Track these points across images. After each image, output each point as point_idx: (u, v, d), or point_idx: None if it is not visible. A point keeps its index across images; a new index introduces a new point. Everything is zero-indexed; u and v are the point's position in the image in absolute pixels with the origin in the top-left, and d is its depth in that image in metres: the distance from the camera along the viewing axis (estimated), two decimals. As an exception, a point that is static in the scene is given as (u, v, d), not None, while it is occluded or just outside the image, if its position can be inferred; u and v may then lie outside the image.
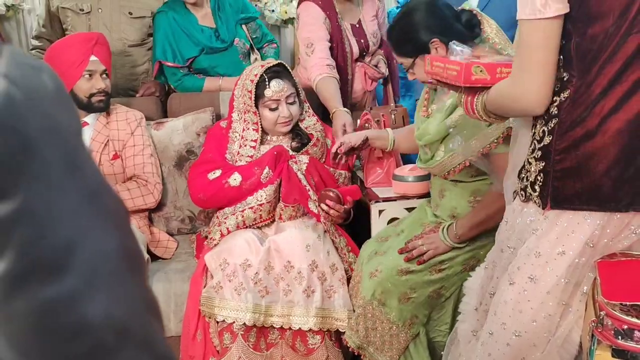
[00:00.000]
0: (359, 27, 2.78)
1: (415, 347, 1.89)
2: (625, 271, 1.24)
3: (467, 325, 1.64)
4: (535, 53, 1.23)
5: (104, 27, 2.85)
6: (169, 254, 2.41)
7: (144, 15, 2.94)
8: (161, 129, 2.57)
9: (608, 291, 1.21)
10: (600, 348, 1.21)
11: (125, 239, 0.52)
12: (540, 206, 1.30)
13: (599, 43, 1.20)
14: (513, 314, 1.34)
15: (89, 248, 0.48)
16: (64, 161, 0.48)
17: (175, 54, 2.78)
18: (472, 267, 1.90)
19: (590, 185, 1.24)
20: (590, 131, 1.23)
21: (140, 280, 0.53)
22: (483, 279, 1.56)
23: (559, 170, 1.27)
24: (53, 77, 0.50)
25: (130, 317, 0.50)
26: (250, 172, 2.18)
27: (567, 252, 1.27)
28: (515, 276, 1.34)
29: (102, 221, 0.50)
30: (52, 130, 0.47)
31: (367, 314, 1.89)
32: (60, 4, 2.86)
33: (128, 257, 0.51)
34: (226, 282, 2.01)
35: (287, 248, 2.04)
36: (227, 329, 2.02)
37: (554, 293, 1.29)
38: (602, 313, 1.20)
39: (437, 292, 1.89)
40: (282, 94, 2.23)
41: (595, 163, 1.23)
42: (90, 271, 0.48)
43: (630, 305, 1.18)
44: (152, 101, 2.80)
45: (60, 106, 0.50)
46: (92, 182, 0.51)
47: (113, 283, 0.49)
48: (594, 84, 1.22)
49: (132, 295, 0.51)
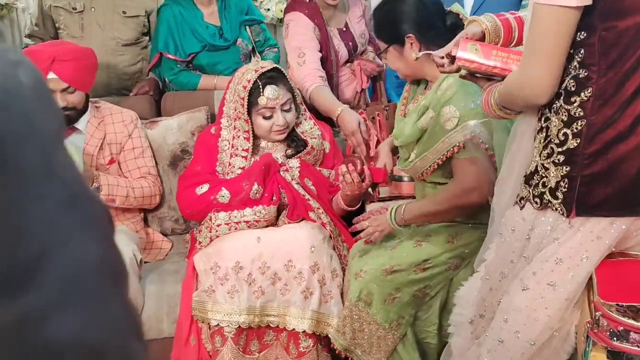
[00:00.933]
0: (346, 31, 2.78)
1: (404, 347, 1.87)
2: (621, 272, 1.22)
3: (461, 338, 1.59)
4: (545, 40, 1.18)
5: (97, 26, 2.83)
6: (162, 254, 2.39)
7: (138, 14, 2.92)
8: (155, 128, 2.54)
9: (604, 292, 1.19)
10: (596, 349, 1.19)
11: (107, 250, 0.48)
12: (563, 214, 1.24)
13: (629, 38, 1.15)
14: (528, 322, 1.29)
15: (63, 260, 0.43)
16: (39, 166, 0.44)
17: (178, 48, 2.78)
18: (457, 266, 1.89)
19: (621, 189, 1.19)
20: (623, 132, 1.18)
21: (121, 296, 0.49)
22: (482, 291, 1.49)
23: (587, 175, 1.21)
24: (32, 71, 0.47)
25: (106, 337, 0.45)
26: (239, 188, 2.10)
27: (590, 258, 1.22)
28: (530, 282, 1.28)
29: (80, 231, 0.45)
30: (27, 132, 0.44)
31: (353, 316, 1.87)
32: (53, 3, 2.84)
33: (108, 271, 0.47)
34: (218, 286, 1.98)
35: (289, 247, 2.00)
36: (217, 332, 2.00)
37: (570, 299, 1.26)
38: (598, 314, 1.18)
39: (422, 291, 1.87)
40: (277, 102, 2.13)
41: (628, 167, 1.18)
42: (62, 286, 0.43)
43: (627, 306, 1.16)
44: (145, 100, 2.78)
45: (37, 104, 0.46)
46: (71, 188, 0.47)
47: (89, 299, 0.45)
48: (627, 83, 1.16)
49: (110, 312, 0.46)
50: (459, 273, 1.89)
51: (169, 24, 2.78)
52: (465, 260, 1.88)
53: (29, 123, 0.44)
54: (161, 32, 2.79)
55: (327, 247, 2.04)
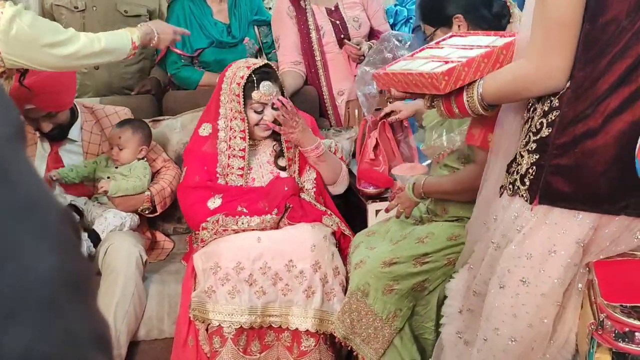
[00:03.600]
0: (334, 11, 2.79)
1: (401, 341, 1.87)
2: (623, 272, 1.21)
3: (452, 328, 1.60)
4: (558, 30, 1.19)
5: (98, 24, 2.82)
6: (164, 254, 2.39)
7: (139, 13, 2.92)
8: (158, 127, 2.55)
9: (607, 293, 1.18)
10: (600, 351, 1.18)
11: (68, 259, 0.45)
12: (527, 200, 1.26)
13: (609, 34, 1.16)
14: (507, 319, 1.29)
15: (15, 271, 0.41)
16: None
17: (185, 43, 2.79)
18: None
19: (586, 184, 1.20)
20: (593, 129, 1.18)
21: (85, 308, 0.46)
22: (468, 279, 1.51)
23: (554, 165, 1.22)
24: None
25: (59, 349, 0.42)
26: (258, 209, 2.08)
27: (558, 252, 1.23)
28: (506, 279, 1.29)
29: (35, 240, 0.43)
30: None
31: (352, 305, 1.88)
32: (55, 2, 2.84)
33: (68, 279, 0.44)
34: (219, 286, 1.97)
35: (290, 247, 2.00)
36: (216, 332, 1.98)
37: (549, 295, 1.25)
38: (603, 315, 1.17)
39: (421, 284, 1.87)
40: (269, 98, 2.14)
41: (594, 163, 1.19)
42: (12, 297, 0.40)
43: (631, 307, 1.15)
44: (147, 99, 2.79)
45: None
46: (27, 194, 0.44)
47: (43, 311, 0.42)
48: (602, 79, 1.17)
49: (68, 326, 0.43)
50: None
51: (179, 18, 2.82)
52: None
53: None
54: None
55: (329, 244, 2.04)
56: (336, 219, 2.18)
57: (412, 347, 1.88)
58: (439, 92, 1.40)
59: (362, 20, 2.83)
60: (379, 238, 2.01)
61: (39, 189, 0.45)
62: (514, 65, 1.33)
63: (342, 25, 2.76)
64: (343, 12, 2.79)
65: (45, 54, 1.80)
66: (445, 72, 1.36)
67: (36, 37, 1.77)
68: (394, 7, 4.06)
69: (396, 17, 4.02)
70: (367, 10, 2.86)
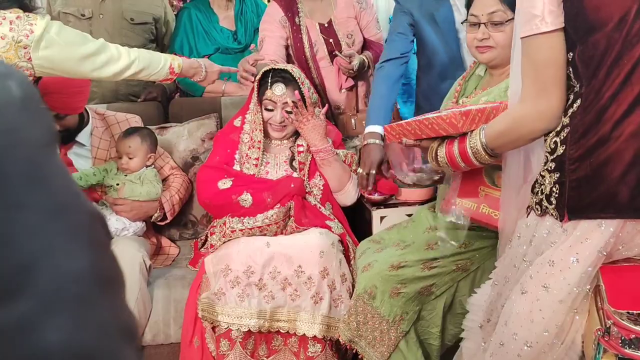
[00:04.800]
0: (328, 27, 2.77)
1: (406, 344, 1.87)
2: (630, 278, 1.22)
3: (472, 343, 1.61)
4: (545, 70, 1.24)
5: (105, 32, 2.85)
6: (170, 260, 2.40)
7: (146, 21, 2.95)
8: (165, 134, 2.56)
9: (614, 299, 1.19)
10: (606, 356, 1.19)
11: (99, 257, 0.48)
12: (557, 218, 1.27)
13: (602, 49, 1.20)
14: (525, 324, 1.30)
15: (50, 269, 0.44)
16: (24, 175, 0.44)
17: (192, 50, 2.83)
18: (465, 269, 1.89)
19: (606, 192, 1.21)
20: (604, 137, 1.20)
21: (115, 303, 0.49)
22: (492, 296, 1.51)
23: (574, 179, 1.24)
24: (22, 84, 0.47)
25: (95, 343, 0.45)
26: (262, 201, 2.14)
27: (580, 261, 1.23)
28: (528, 285, 1.30)
29: (69, 239, 0.46)
30: (13, 142, 0.44)
31: (358, 308, 1.88)
32: (62, 9, 2.87)
33: (100, 278, 0.47)
34: (229, 289, 1.98)
35: (299, 252, 2.01)
36: (224, 335, 1.99)
37: (566, 302, 1.26)
38: (610, 322, 1.18)
39: (428, 289, 1.87)
40: (280, 100, 2.22)
41: (611, 169, 1.20)
42: (50, 294, 0.44)
43: (638, 314, 1.16)
44: (153, 106, 2.81)
45: (26, 116, 0.46)
46: (60, 197, 0.47)
47: (78, 306, 0.45)
48: (603, 88, 1.20)
49: (101, 319, 0.47)
50: (467, 278, 1.89)
51: (185, 26, 2.86)
52: (474, 265, 1.88)
53: (16, 131, 0.45)
54: (178, 35, 2.87)
55: (336, 251, 2.05)
56: (340, 225, 2.20)
57: (418, 352, 1.88)
58: (456, 130, 1.49)
59: (355, 35, 2.80)
60: (387, 243, 2.02)
61: (71, 191, 0.48)
62: (510, 109, 1.39)
63: (335, 42, 2.76)
64: (336, 28, 2.76)
65: (79, 65, 1.84)
66: (463, 112, 1.47)
67: (69, 50, 1.81)
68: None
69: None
70: (360, 22, 2.84)
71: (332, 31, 2.76)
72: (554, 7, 1.21)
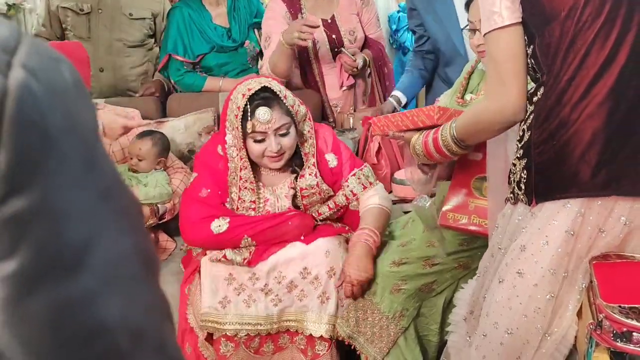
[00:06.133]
0: (331, 23, 2.79)
1: (405, 341, 1.88)
2: (621, 273, 1.23)
3: (457, 336, 1.62)
4: (503, 64, 1.29)
5: (104, 27, 2.86)
6: (166, 254, 2.40)
7: (144, 16, 2.95)
8: (162, 128, 2.56)
9: (606, 294, 1.20)
10: (599, 350, 1.19)
11: (140, 239, 0.50)
12: (526, 203, 1.31)
13: (557, 37, 1.24)
14: (504, 312, 1.32)
15: (105, 247, 0.46)
16: (82, 158, 0.46)
17: (186, 49, 2.82)
18: (466, 267, 1.90)
19: (569, 172, 1.25)
20: (564, 119, 1.25)
21: (155, 283, 0.51)
22: (475, 288, 1.54)
23: (539, 162, 1.28)
24: (72, 70, 0.48)
25: (145, 320, 0.48)
26: (264, 241, 1.97)
27: (550, 243, 1.26)
28: (504, 273, 1.33)
29: (117, 220, 0.48)
30: (72, 126, 0.46)
31: (357, 303, 1.89)
32: (61, 4, 2.87)
33: (143, 258, 0.49)
34: (234, 296, 1.93)
35: (303, 254, 1.95)
36: (227, 338, 1.93)
37: (541, 285, 1.27)
38: (602, 316, 1.19)
39: (429, 286, 1.89)
40: (269, 127, 1.90)
41: (572, 150, 1.24)
42: (106, 271, 0.45)
43: (629, 307, 1.17)
44: (152, 101, 2.82)
45: (79, 100, 0.48)
46: (109, 179, 0.49)
47: (129, 284, 0.47)
48: (561, 74, 1.25)
49: (147, 297, 0.49)
50: (467, 276, 1.88)
51: (179, 25, 2.83)
52: (475, 263, 1.87)
53: (74, 116, 0.46)
54: (171, 34, 2.83)
55: (342, 251, 1.99)
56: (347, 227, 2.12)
57: (416, 349, 1.89)
58: (432, 121, 1.58)
59: (357, 32, 2.82)
60: (387, 239, 2.03)
61: (117, 174, 0.50)
62: (478, 102, 1.44)
63: (337, 39, 2.77)
64: (339, 24, 2.79)
65: None
66: (440, 107, 1.61)
67: None
68: (396, 14, 4.07)
69: (399, 24, 4.04)
70: (361, 19, 2.86)
71: (335, 27, 2.78)
72: (510, 3, 1.26)
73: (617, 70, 1.21)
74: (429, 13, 2.59)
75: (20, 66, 0.43)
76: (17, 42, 0.44)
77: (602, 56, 1.21)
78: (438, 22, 2.56)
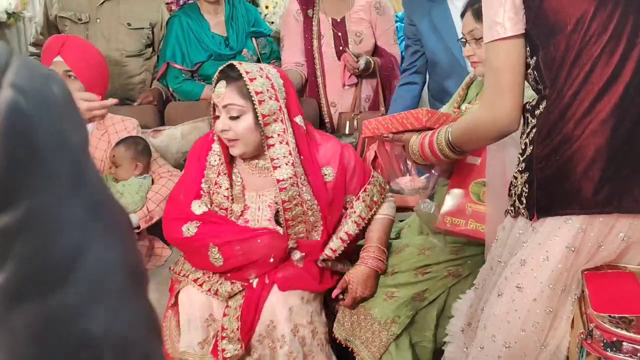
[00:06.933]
0: (340, 22, 2.88)
1: (397, 347, 1.88)
2: (612, 283, 1.23)
3: (454, 347, 1.63)
4: (501, 75, 1.28)
5: (102, 37, 2.87)
6: (161, 261, 2.40)
7: (142, 26, 2.97)
8: (159, 136, 2.58)
9: (597, 303, 1.20)
10: (589, 359, 1.20)
11: (128, 252, 0.51)
12: (527, 217, 1.30)
13: (562, 51, 1.24)
14: (502, 326, 1.32)
15: (91, 260, 0.47)
16: (71, 173, 0.47)
17: (184, 57, 2.85)
18: (457, 275, 1.91)
19: (571, 188, 1.24)
20: (567, 135, 1.24)
21: (142, 295, 0.52)
22: (473, 299, 1.54)
23: (541, 178, 1.27)
24: (62, 86, 0.49)
25: (131, 332, 0.49)
26: (232, 256, 1.85)
27: (550, 258, 1.25)
28: (504, 287, 1.33)
29: (105, 233, 0.49)
30: (60, 142, 0.47)
31: (352, 309, 1.90)
32: (59, 13, 2.89)
33: (130, 271, 0.50)
34: (213, 337, 1.85)
35: (269, 308, 1.85)
36: None
37: (540, 300, 1.27)
38: (592, 325, 1.19)
39: (421, 294, 1.89)
40: (219, 101, 1.82)
41: (574, 166, 1.23)
42: (92, 284, 0.46)
43: (619, 317, 1.17)
44: (149, 109, 2.83)
45: (67, 117, 0.49)
46: (97, 193, 0.50)
47: (115, 297, 0.48)
48: (564, 89, 1.24)
49: (133, 310, 0.50)
50: (458, 283, 1.90)
51: (177, 34, 2.86)
52: (466, 271, 1.91)
53: (62, 132, 0.47)
54: (169, 43, 2.86)
55: (306, 306, 1.89)
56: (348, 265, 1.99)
57: (407, 356, 1.89)
58: (420, 124, 1.60)
59: (364, 35, 2.88)
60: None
61: (106, 189, 0.51)
62: (474, 110, 1.44)
63: (343, 37, 2.83)
64: (348, 25, 2.87)
65: None
66: (429, 110, 1.65)
67: None
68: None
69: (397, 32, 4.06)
70: (374, 28, 2.92)
71: (343, 26, 2.86)
72: (513, 15, 1.26)
73: (622, 87, 1.20)
74: (427, 25, 2.59)
75: (10, 86, 0.44)
76: (7, 61, 0.46)
77: (607, 72, 1.20)
78: (436, 34, 2.56)
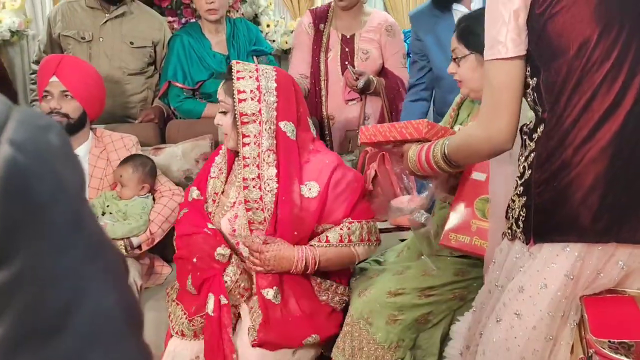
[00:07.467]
0: (349, 39, 2.94)
1: None
2: (611, 308, 1.23)
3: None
4: (500, 93, 1.29)
5: (105, 55, 2.89)
6: (162, 279, 2.40)
7: (145, 45, 2.99)
8: (159, 154, 2.58)
9: (596, 329, 1.20)
10: (589, 385, 1.19)
11: (124, 294, 0.52)
12: (524, 242, 1.30)
13: (563, 75, 1.23)
14: (501, 353, 1.31)
15: (88, 307, 0.47)
16: (68, 221, 0.48)
17: (186, 76, 2.87)
18: (462, 298, 1.90)
19: (569, 215, 1.23)
20: (566, 161, 1.23)
21: (139, 337, 0.53)
22: (471, 322, 1.53)
23: (539, 203, 1.26)
24: (60, 134, 0.50)
25: None
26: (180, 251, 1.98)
27: (549, 285, 1.25)
28: (502, 313, 1.32)
29: (102, 278, 0.49)
30: (59, 191, 0.47)
31: (353, 333, 1.88)
32: (62, 32, 2.91)
33: (127, 313, 0.51)
34: None
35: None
36: None
37: (539, 328, 1.26)
38: (592, 351, 1.19)
39: (425, 317, 1.88)
40: (218, 97, 1.97)
41: (573, 193, 1.23)
42: (88, 331, 0.47)
43: (619, 342, 1.17)
44: (150, 127, 2.84)
45: (65, 163, 0.50)
46: (95, 238, 0.50)
47: (111, 341, 0.49)
48: (564, 115, 1.23)
49: (129, 352, 0.50)
50: (463, 307, 1.89)
51: (179, 53, 2.88)
52: (471, 294, 1.87)
53: (61, 180, 0.48)
54: (171, 62, 2.88)
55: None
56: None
57: None
58: (420, 134, 1.61)
59: (371, 55, 2.92)
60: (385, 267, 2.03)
61: (101, 232, 0.52)
62: (471, 125, 1.42)
63: (350, 53, 2.87)
64: (357, 42, 2.93)
65: None
66: (429, 122, 1.65)
67: None
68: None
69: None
70: (383, 50, 2.96)
71: (352, 43, 2.93)
72: (516, 36, 1.26)
73: (623, 115, 1.19)
74: (433, 40, 2.63)
75: (7, 142, 0.45)
76: (5, 117, 0.46)
77: (608, 100, 1.19)
78: (441, 49, 2.58)
